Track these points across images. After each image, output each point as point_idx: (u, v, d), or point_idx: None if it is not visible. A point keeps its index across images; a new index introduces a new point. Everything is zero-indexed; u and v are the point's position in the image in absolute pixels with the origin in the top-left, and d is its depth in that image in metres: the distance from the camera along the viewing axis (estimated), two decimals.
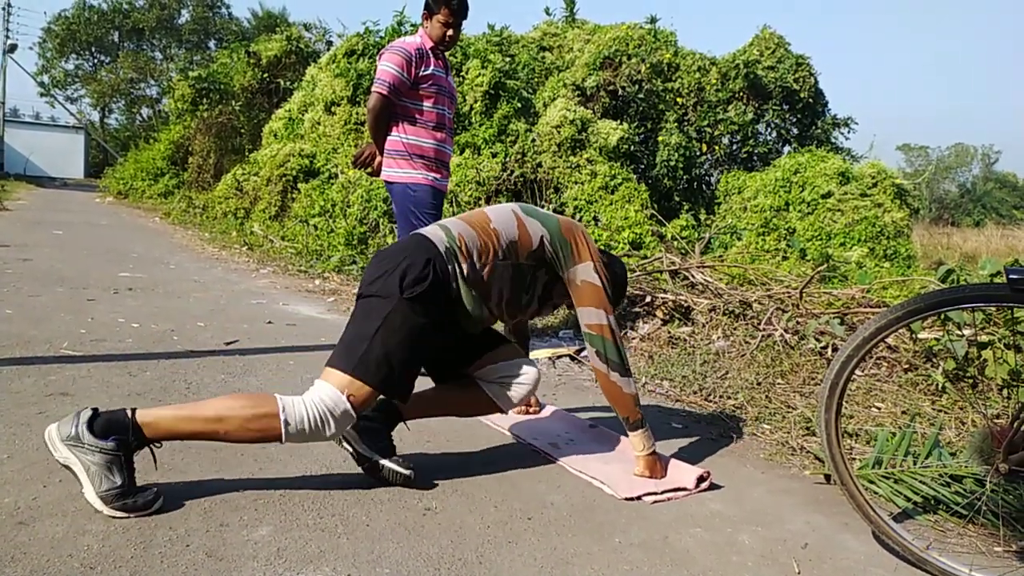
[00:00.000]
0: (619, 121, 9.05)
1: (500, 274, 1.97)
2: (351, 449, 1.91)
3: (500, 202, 7.82)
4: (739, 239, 8.20)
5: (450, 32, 3.27)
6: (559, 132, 8.28)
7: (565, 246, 2.05)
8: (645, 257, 5.69)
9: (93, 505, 1.57)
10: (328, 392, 1.75)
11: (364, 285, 1.88)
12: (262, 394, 1.76)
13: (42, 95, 36.68)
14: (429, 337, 1.87)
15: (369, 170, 3.48)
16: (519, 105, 8.67)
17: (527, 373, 2.08)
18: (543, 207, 7.96)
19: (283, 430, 1.69)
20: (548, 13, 12.50)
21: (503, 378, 2.07)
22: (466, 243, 1.93)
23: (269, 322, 4.00)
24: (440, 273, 1.86)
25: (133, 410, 1.63)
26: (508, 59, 9.48)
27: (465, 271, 1.91)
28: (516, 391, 2.07)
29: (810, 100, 10.67)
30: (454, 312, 1.94)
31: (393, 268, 1.83)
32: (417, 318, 1.81)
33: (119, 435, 1.59)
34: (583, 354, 3.77)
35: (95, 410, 1.62)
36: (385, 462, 1.89)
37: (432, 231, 1.97)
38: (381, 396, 1.84)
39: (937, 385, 3.01)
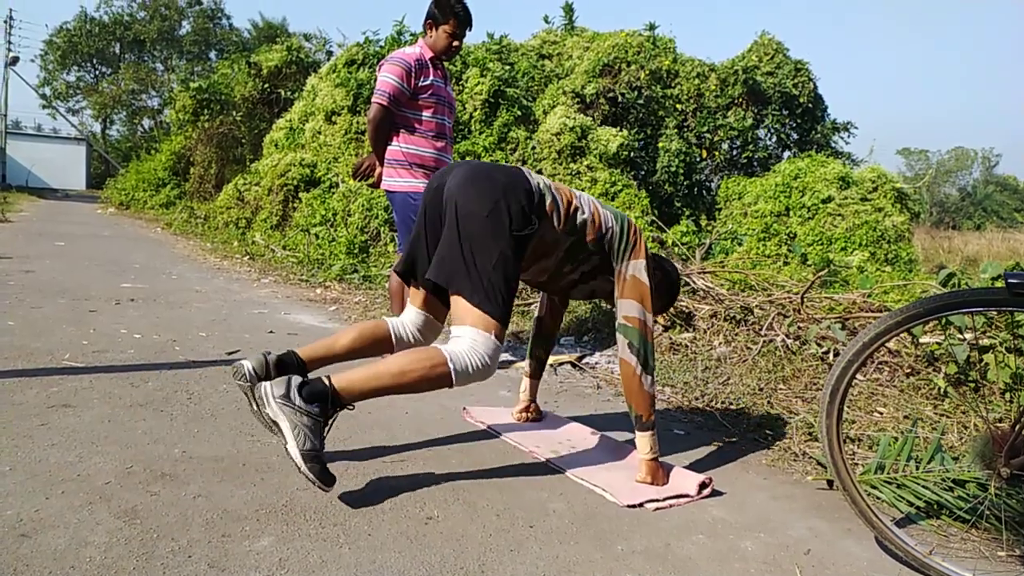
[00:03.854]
0: (619, 128, 9.08)
1: (562, 243, 2.07)
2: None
3: None
4: (740, 244, 8.21)
5: (455, 42, 3.29)
6: (559, 139, 8.30)
7: (627, 241, 2.15)
8: None
9: (293, 459, 1.71)
10: (481, 339, 1.87)
11: (465, 207, 1.90)
12: (430, 348, 1.88)
13: (44, 107, 36.82)
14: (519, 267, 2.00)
15: (370, 181, 3.49)
16: (519, 113, 8.70)
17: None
18: None
19: (454, 378, 1.85)
20: (547, 21, 12.57)
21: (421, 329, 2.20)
22: (555, 203, 2.02)
23: (271, 332, 4.00)
24: (533, 216, 1.97)
25: (329, 378, 1.80)
26: (507, 67, 9.52)
27: (542, 226, 2.01)
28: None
29: (809, 105, 10.70)
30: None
31: (498, 201, 1.89)
32: (518, 252, 1.94)
33: (321, 403, 1.76)
34: (584, 360, 3.77)
35: (303, 378, 1.79)
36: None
37: (529, 173, 2.04)
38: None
39: (939, 389, 3.00)
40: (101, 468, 1.90)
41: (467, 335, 1.87)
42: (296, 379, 1.78)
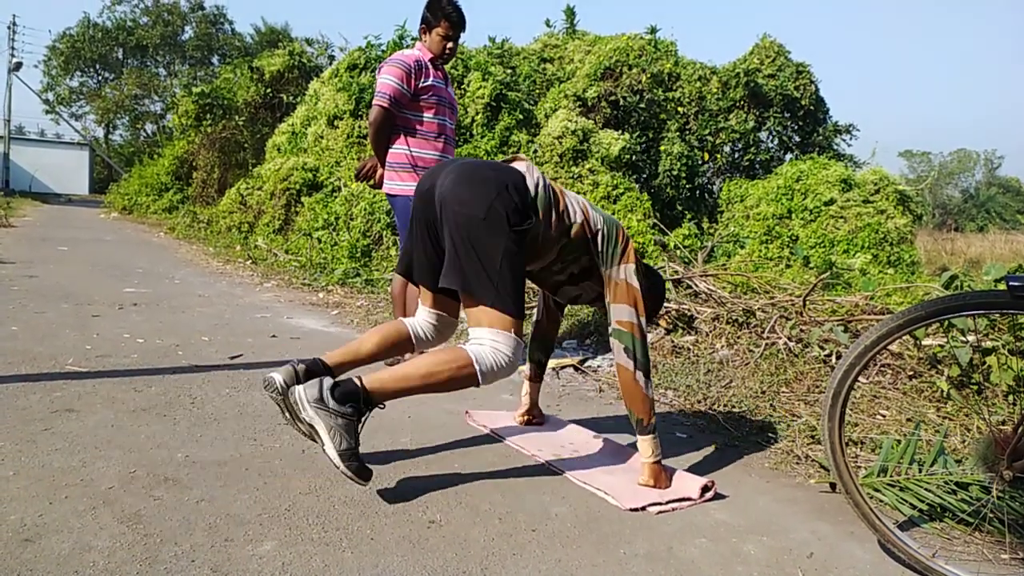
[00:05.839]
0: (621, 131, 9.08)
1: (553, 245, 2.10)
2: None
3: None
4: (742, 247, 8.20)
5: (449, 45, 3.30)
6: (561, 143, 8.31)
7: (616, 245, 2.16)
8: None
9: (331, 460, 1.75)
10: (501, 338, 1.90)
11: (461, 212, 1.91)
12: (456, 349, 1.89)
13: (47, 112, 36.99)
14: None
15: (372, 182, 3.50)
16: (521, 116, 8.71)
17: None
18: None
19: (480, 379, 1.89)
20: (549, 25, 12.57)
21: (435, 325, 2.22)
22: (550, 204, 2.05)
23: (273, 336, 4.01)
24: (529, 211, 2.01)
25: (360, 378, 1.83)
26: (509, 71, 9.53)
27: (537, 223, 2.05)
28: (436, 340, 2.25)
29: (811, 107, 10.68)
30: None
31: (492, 201, 1.90)
32: (520, 245, 1.96)
33: (354, 403, 1.80)
34: (586, 364, 3.77)
35: (334, 379, 1.84)
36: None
37: (529, 169, 2.06)
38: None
39: (942, 392, 3.00)
40: (104, 473, 1.91)
41: (487, 336, 1.91)
42: (328, 381, 1.81)
